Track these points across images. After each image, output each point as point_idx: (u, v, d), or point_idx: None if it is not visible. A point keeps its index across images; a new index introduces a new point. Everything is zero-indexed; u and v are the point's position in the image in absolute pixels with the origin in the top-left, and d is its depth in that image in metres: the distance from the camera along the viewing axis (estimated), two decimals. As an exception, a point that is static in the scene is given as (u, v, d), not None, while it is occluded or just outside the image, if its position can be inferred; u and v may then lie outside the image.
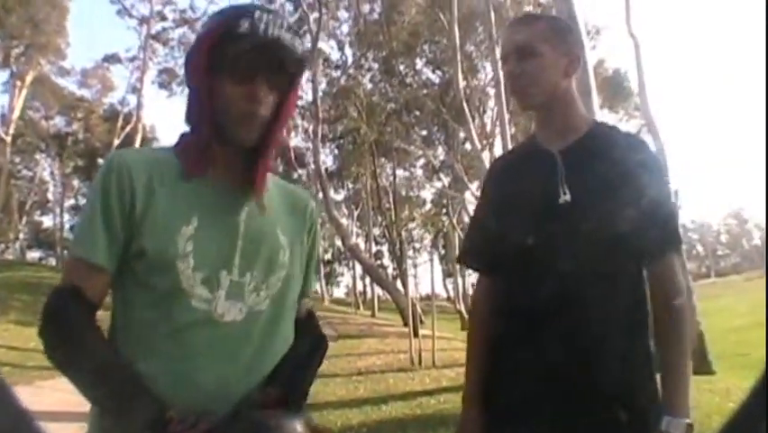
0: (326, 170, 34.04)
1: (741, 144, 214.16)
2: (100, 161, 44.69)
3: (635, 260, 1.92)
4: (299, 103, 34.49)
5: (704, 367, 13.36)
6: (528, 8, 28.30)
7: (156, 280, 1.46)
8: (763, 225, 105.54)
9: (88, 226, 1.47)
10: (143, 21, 37.29)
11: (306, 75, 29.26)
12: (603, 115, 7.98)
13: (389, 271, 48.22)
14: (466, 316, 35.34)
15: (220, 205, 1.56)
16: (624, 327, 1.87)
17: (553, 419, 1.85)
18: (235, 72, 1.49)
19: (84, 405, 1.48)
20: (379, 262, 52.11)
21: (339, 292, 74.77)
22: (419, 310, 21.60)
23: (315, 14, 28.46)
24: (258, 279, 1.57)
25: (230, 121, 1.51)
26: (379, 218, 44.85)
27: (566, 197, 1.91)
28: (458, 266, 40.06)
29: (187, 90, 1.60)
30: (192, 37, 40.89)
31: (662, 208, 1.95)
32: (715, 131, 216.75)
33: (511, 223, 1.99)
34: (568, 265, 1.85)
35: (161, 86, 40.49)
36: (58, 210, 54.60)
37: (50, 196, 55.98)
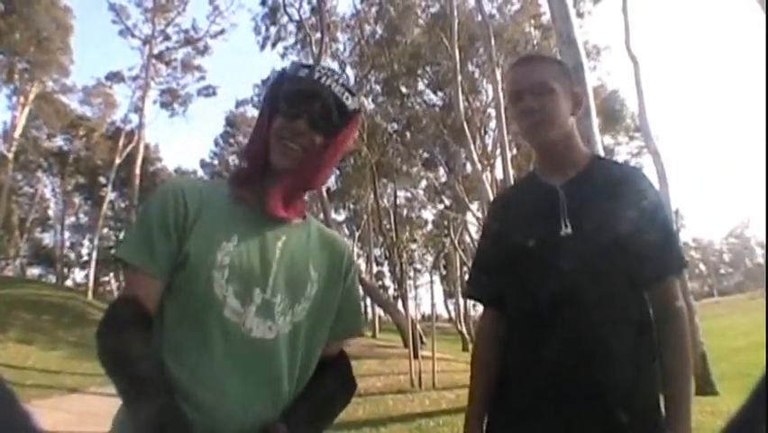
0: (327, 190, 34.09)
1: (742, 163, 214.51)
2: (101, 179, 44.85)
3: (637, 285, 1.97)
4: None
5: (707, 388, 13.30)
6: (528, 30, 28.54)
7: (193, 287, 1.57)
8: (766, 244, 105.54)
9: (147, 239, 1.60)
10: (147, 41, 37.56)
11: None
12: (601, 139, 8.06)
13: (390, 291, 48.22)
14: (467, 336, 35.42)
15: (260, 230, 1.70)
16: (629, 346, 1.91)
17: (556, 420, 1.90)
18: (285, 108, 1.69)
19: (80, 424, 1.49)
20: (380, 282, 52.09)
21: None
22: (420, 331, 21.58)
23: (318, 35, 28.61)
24: (286, 303, 1.67)
25: (271, 148, 1.70)
26: (380, 239, 44.80)
27: (567, 230, 1.97)
28: (459, 288, 40.05)
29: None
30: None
31: (660, 236, 2.01)
32: (716, 150, 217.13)
33: (515, 256, 2.05)
34: (571, 294, 1.91)
35: (163, 105, 40.71)
36: (58, 227, 54.69)
37: (50, 213, 56.09)
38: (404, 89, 32.23)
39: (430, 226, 51.11)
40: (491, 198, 17.38)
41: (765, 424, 0.59)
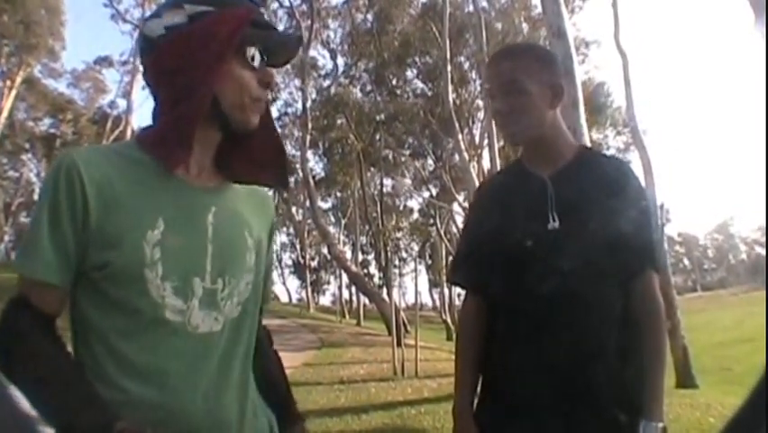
0: (314, 177, 34.03)
1: (729, 159, 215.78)
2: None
3: (618, 276, 1.98)
4: (289, 110, 34.46)
5: (687, 381, 13.42)
6: (518, 21, 28.57)
7: (123, 292, 1.35)
8: (749, 241, 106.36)
9: (34, 239, 1.35)
10: (138, 26, 37.36)
11: (296, 82, 29.46)
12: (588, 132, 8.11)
13: (376, 280, 48.22)
14: (452, 326, 35.49)
15: (187, 206, 1.45)
16: (614, 341, 1.93)
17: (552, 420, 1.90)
18: (254, 59, 1.45)
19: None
20: (365, 270, 52.09)
21: (325, 300, 74.36)
22: (404, 320, 21.60)
23: (308, 22, 28.52)
24: (231, 285, 1.47)
25: (241, 106, 1.45)
26: (366, 227, 44.78)
27: (555, 223, 1.96)
28: (444, 277, 40.10)
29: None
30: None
31: (643, 230, 2.01)
32: (703, 146, 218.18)
33: (501, 244, 2.03)
34: (556, 284, 1.90)
35: (153, 91, 40.48)
36: (44, 212, 54.17)
37: (36, 197, 55.58)
38: (393, 79, 32.19)
39: (416, 215, 51.20)
40: (478, 188, 17.39)
41: (765, 424, 0.61)
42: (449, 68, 22.10)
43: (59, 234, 1.33)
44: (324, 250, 50.30)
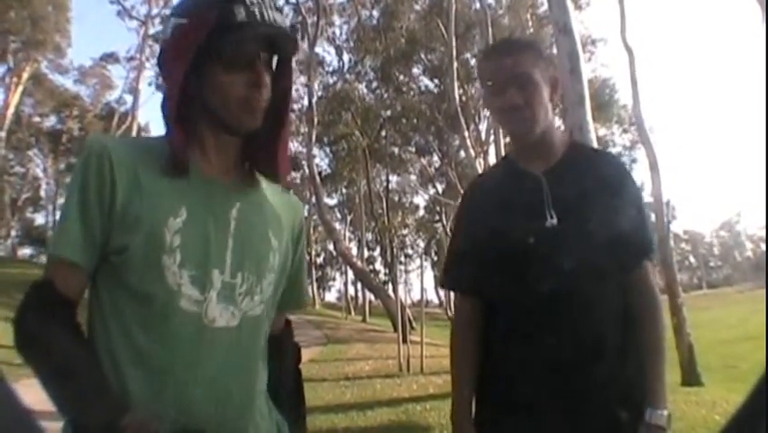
0: (320, 173, 34.03)
1: (734, 156, 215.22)
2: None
3: (617, 270, 1.97)
4: (295, 106, 34.51)
5: (693, 379, 13.39)
6: (525, 18, 28.50)
7: (140, 278, 1.35)
8: (755, 238, 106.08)
9: (65, 220, 1.37)
10: (143, 22, 37.46)
11: (302, 79, 29.46)
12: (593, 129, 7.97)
13: (381, 276, 48.26)
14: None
15: (210, 199, 1.46)
16: (614, 338, 1.93)
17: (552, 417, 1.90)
18: (235, 59, 1.43)
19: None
20: (371, 267, 52.09)
21: (330, 297, 74.37)
22: (410, 316, 21.59)
23: (314, 18, 28.52)
24: (250, 281, 1.47)
25: (230, 109, 1.45)
26: (372, 224, 44.80)
27: (553, 220, 1.94)
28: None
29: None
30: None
31: (637, 222, 2.01)
32: (710, 143, 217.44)
33: (499, 244, 2.01)
34: (556, 281, 1.89)
35: (159, 87, 40.55)
36: (50, 207, 54.23)
37: (42, 193, 55.77)
38: (399, 75, 32.17)
39: (422, 212, 51.21)
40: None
41: (765, 421, 0.61)
42: (455, 64, 22.05)
43: (86, 215, 1.36)
44: (330, 246, 50.38)
